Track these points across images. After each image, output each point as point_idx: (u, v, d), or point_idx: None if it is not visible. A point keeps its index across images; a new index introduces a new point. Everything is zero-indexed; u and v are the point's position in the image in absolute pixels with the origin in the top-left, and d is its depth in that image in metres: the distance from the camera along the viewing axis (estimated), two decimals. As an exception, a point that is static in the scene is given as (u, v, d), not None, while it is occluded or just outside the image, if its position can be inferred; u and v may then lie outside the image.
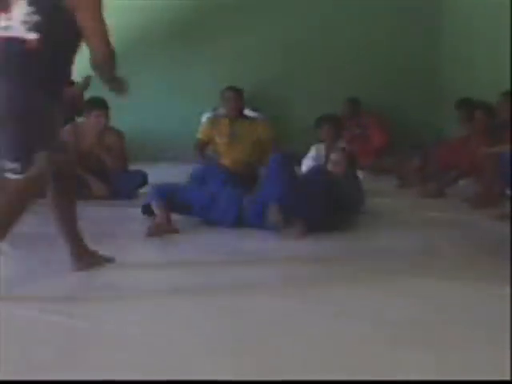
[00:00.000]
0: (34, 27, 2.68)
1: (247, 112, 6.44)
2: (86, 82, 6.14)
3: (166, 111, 8.30)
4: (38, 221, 3.72)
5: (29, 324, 2.32)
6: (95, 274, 2.97)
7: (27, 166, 2.74)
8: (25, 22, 2.68)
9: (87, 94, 5.97)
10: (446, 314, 2.40)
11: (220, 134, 5.87)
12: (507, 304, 2.38)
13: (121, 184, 5.31)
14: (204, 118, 7.00)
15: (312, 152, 5.89)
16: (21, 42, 2.68)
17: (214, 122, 6.08)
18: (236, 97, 5.91)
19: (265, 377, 1.81)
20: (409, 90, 8.02)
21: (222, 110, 6.33)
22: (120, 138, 5.53)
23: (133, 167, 5.61)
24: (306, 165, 5.80)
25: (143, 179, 5.52)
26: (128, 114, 7.01)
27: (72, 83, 6.15)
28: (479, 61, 6.83)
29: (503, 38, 6.03)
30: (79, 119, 5.65)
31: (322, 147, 5.83)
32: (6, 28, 2.71)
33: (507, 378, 1.54)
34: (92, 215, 4.64)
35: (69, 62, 2.86)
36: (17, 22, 2.69)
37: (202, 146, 5.98)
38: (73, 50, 2.84)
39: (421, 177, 5.82)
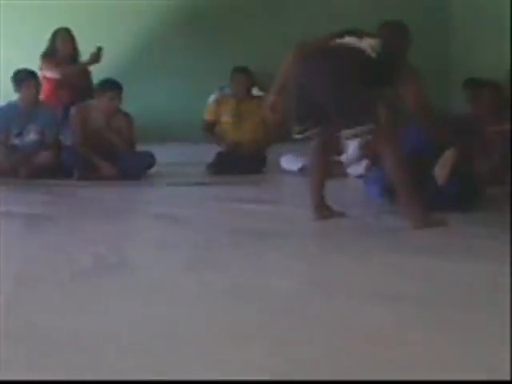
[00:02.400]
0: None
1: (255, 91, 6.42)
2: (97, 54, 6.14)
3: (174, 92, 8.30)
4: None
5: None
6: (107, 253, 2.98)
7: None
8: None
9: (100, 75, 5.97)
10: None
11: (226, 114, 5.87)
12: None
13: (129, 165, 5.32)
14: (211, 99, 6.99)
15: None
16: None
17: (220, 101, 6.09)
18: (244, 78, 5.91)
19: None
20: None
21: (228, 90, 6.33)
22: (128, 119, 5.54)
23: (140, 148, 5.62)
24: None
25: (151, 160, 5.53)
26: (136, 95, 7.01)
27: (75, 60, 6.18)
28: (487, 39, 6.79)
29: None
30: (88, 100, 5.64)
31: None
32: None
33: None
34: (100, 196, 4.68)
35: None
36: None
37: (210, 127, 5.98)
38: None
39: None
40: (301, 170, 5.45)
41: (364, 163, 5.58)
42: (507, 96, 5.01)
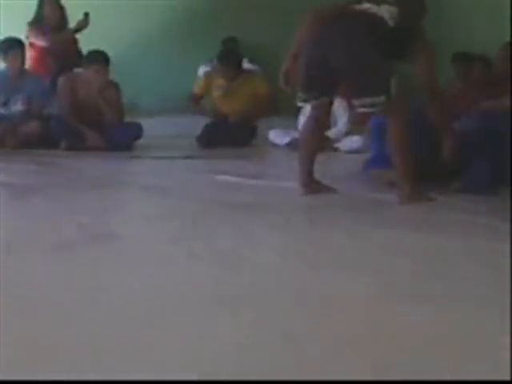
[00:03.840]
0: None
1: (245, 63, 6.39)
2: (85, 21, 6.06)
3: (163, 64, 8.22)
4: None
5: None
6: (94, 223, 2.97)
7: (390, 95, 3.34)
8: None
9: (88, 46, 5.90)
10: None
11: (216, 88, 5.84)
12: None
13: (117, 136, 5.28)
14: (200, 71, 6.95)
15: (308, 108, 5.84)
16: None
17: (210, 75, 6.06)
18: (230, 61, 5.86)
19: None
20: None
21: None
22: (116, 89, 5.49)
23: (128, 120, 5.58)
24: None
25: (139, 131, 5.50)
26: (125, 68, 6.94)
27: (63, 28, 6.10)
28: (477, 13, 6.76)
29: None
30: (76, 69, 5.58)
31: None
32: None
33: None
34: (87, 166, 4.65)
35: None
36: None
37: (197, 100, 5.96)
38: None
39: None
40: (288, 144, 5.44)
41: (354, 138, 5.58)
42: (498, 70, 4.94)
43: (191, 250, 2.56)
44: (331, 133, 5.53)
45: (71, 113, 5.34)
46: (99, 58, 5.34)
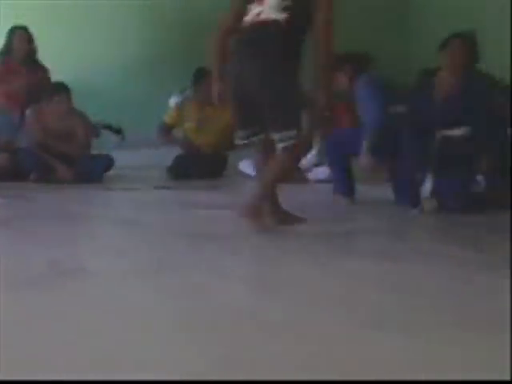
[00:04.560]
0: (283, 9, 3.18)
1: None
2: None
3: (134, 95, 8.22)
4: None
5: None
6: (64, 257, 2.94)
7: (298, 132, 3.16)
8: (275, 6, 3.19)
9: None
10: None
11: (188, 119, 5.85)
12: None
13: (87, 167, 5.26)
14: (172, 101, 6.96)
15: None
16: (271, 22, 3.19)
17: (182, 106, 6.07)
18: (207, 80, 5.89)
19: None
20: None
21: (190, 93, 6.32)
22: (83, 120, 5.47)
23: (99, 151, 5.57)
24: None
25: (109, 163, 5.48)
26: (90, 100, 6.91)
27: (32, 61, 6.08)
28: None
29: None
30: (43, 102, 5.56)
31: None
32: (259, 14, 3.23)
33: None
34: (57, 199, 4.61)
35: (304, 35, 3.25)
36: (267, 7, 3.21)
37: (168, 130, 5.97)
38: (308, 27, 3.22)
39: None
40: None
41: (321, 168, 5.63)
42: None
43: (161, 283, 2.55)
44: (302, 163, 5.56)
45: (40, 145, 5.31)
46: (59, 89, 5.34)
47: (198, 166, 5.63)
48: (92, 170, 5.28)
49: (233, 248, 3.15)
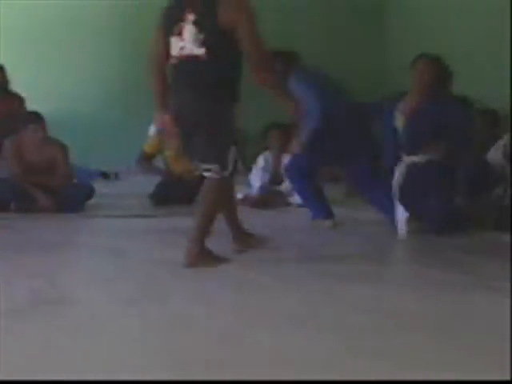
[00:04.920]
0: (202, 44, 3.21)
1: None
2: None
3: (113, 124, 8.23)
4: None
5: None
6: (45, 287, 2.92)
7: (226, 165, 3.23)
8: (194, 41, 3.23)
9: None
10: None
11: (169, 147, 5.85)
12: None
13: (67, 196, 5.23)
14: (151, 130, 6.97)
15: (260, 162, 5.89)
16: (194, 56, 3.23)
17: (162, 134, 6.07)
18: None
19: None
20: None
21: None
22: (62, 150, 5.41)
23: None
24: (256, 176, 5.82)
25: (90, 191, 5.47)
26: (66, 129, 6.88)
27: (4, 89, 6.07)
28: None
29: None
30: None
31: (269, 157, 5.86)
32: (182, 48, 3.27)
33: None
34: (38, 228, 4.58)
35: (233, 67, 3.29)
36: (187, 42, 3.25)
37: (148, 159, 5.97)
38: (235, 57, 3.27)
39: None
40: (242, 200, 5.47)
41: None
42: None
43: (144, 312, 2.55)
44: (283, 187, 5.59)
45: (20, 174, 5.29)
46: (33, 118, 5.32)
47: (180, 192, 5.63)
48: (73, 199, 5.25)
49: (214, 276, 3.16)
